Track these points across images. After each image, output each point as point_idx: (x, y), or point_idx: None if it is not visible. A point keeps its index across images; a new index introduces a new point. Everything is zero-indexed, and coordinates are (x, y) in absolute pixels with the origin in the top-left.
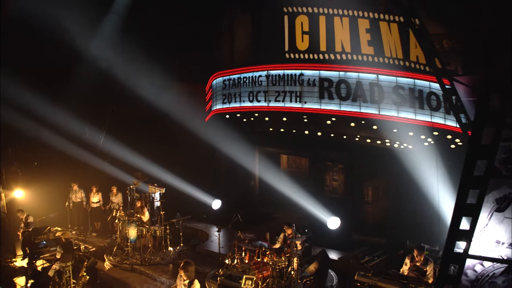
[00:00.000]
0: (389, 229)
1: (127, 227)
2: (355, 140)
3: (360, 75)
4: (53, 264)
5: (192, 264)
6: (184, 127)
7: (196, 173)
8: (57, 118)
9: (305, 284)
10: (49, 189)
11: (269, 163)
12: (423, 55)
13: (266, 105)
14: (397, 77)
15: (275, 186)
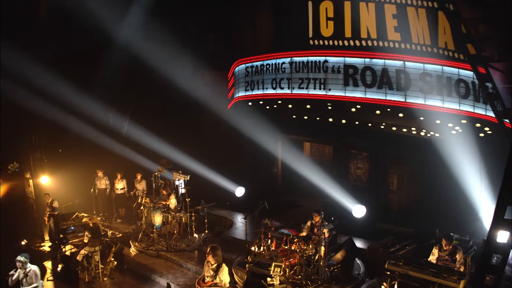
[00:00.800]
0: (416, 218)
1: (153, 214)
2: (380, 128)
3: (386, 62)
4: (81, 249)
5: (219, 248)
6: (207, 114)
7: (218, 160)
8: (83, 105)
9: (332, 272)
10: (74, 175)
11: (292, 151)
12: (452, 41)
13: (289, 92)
14: (424, 64)
15: (298, 174)
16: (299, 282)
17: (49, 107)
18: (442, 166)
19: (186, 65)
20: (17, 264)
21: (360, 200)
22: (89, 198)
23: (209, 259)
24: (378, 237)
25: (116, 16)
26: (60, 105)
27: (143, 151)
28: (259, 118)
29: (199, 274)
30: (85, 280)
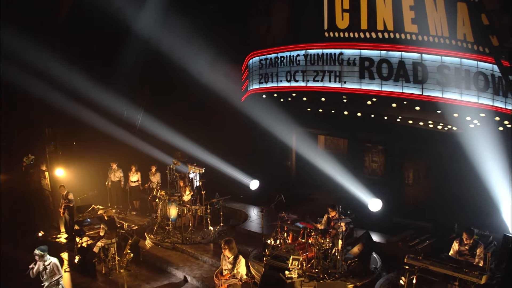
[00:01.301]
0: (433, 213)
1: (168, 206)
2: (396, 121)
3: (403, 54)
4: (97, 241)
5: (233, 241)
6: (220, 107)
7: (232, 153)
8: (97, 97)
9: (349, 266)
10: (88, 168)
11: (306, 144)
12: (471, 33)
13: (304, 85)
14: (442, 56)
15: (312, 167)
16: (316, 275)
17: (63, 99)
18: (460, 160)
19: (200, 58)
20: (35, 257)
21: (376, 194)
22: (104, 191)
23: (225, 253)
24: (394, 231)
25: (133, 8)
26: (75, 97)
27: (158, 143)
28: (273, 110)
29: (215, 266)
30: (102, 272)
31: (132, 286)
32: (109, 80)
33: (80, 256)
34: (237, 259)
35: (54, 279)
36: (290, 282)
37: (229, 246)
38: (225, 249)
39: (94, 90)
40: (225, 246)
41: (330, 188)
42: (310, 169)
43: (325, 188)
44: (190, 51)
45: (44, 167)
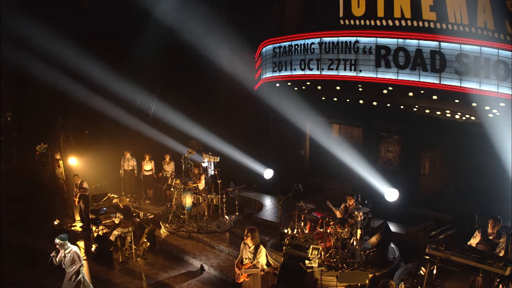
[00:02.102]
0: (451, 203)
1: (183, 195)
2: (413, 110)
3: (420, 42)
4: (113, 230)
5: (256, 230)
6: (234, 95)
7: (245, 142)
8: (110, 86)
9: (367, 255)
10: (101, 157)
11: (320, 133)
12: (493, 21)
13: (318, 74)
14: (461, 45)
15: (327, 156)
16: (335, 265)
17: (77, 87)
18: (478, 150)
19: (214, 46)
20: (56, 246)
21: (391, 184)
22: (117, 179)
23: (247, 241)
24: (411, 222)
25: None
26: (87, 85)
27: (171, 132)
28: (286, 99)
29: (232, 255)
30: (119, 260)
31: (150, 274)
32: (124, 68)
33: (97, 245)
34: (258, 248)
35: (75, 268)
36: (310, 272)
37: (252, 234)
38: (247, 237)
39: (107, 78)
40: (248, 234)
41: (344, 178)
42: (324, 158)
43: (339, 178)
44: (204, 39)
45: (58, 156)
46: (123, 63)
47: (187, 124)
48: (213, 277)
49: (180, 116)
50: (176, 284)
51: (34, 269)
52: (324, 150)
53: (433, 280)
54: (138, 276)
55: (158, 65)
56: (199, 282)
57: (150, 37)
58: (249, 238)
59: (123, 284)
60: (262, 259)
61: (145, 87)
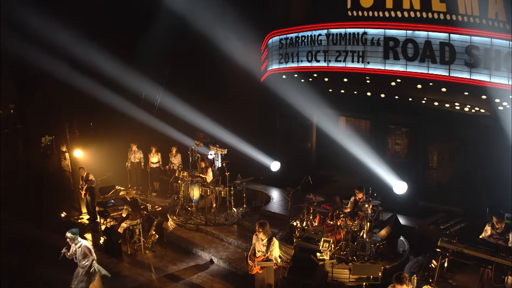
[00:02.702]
0: (459, 196)
1: (191, 188)
2: (421, 102)
3: (429, 34)
4: (121, 222)
5: (267, 224)
6: (240, 87)
7: (251, 134)
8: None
9: (377, 248)
10: (106, 149)
11: (327, 125)
12: (504, 12)
13: (325, 65)
14: (471, 36)
15: (333, 149)
16: (345, 257)
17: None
18: (487, 142)
19: (220, 37)
20: (67, 240)
21: (399, 177)
22: (124, 172)
23: (260, 236)
24: (420, 215)
25: None
26: (93, 77)
27: (178, 124)
28: (293, 91)
29: (241, 248)
30: (128, 253)
31: (159, 267)
32: (131, 59)
33: (105, 237)
34: (271, 241)
35: (87, 262)
36: (321, 264)
37: (263, 228)
38: (259, 232)
39: (113, 69)
40: (259, 229)
41: (352, 171)
42: (331, 151)
43: (346, 171)
44: (212, 30)
45: (64, 148)
46: (131, 55)
47: (194, 116)
48: (222, 269)
49: (187, 108)
50: (185, 276)
51: (43, 261)
52: (331, 142)
53: (444, 273)
54: (147, 268)
55: (165, 56)
56: (209, 275)
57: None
58: (261, 233)
59: (133, 276)
60: (275, 252)
61: (152, 78)
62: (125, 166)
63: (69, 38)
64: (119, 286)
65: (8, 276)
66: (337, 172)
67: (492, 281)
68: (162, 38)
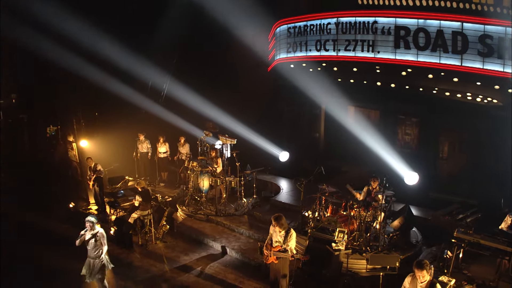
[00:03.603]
0: (470, 187)
1: (201, 178)
2: (432, 92)
3: (442, 23)
4: (131, 213)
5: (282, 217)
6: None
7: (259, 124)
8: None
9: (390, 239)
10: (112, 139)
11: (335, 115)
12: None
13: (335, 55)
14: (485, 25)
15: (342, 139)
16: (358, 248)
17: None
18: (499, 133)
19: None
20: (87, 224)
21: (408, 167)
22: (129, 162)
23: (276, 229)
24: (430, 205)
25: None
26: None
27: (185, 114)
28: (301, 81)
29: (252, 238)
30: (139, 243)
31: (171, 257)
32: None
33: (116, 228)
34: (289, 232)
35: (99, 250)
36: (337, 255)
37: (279, 222)
38: (275, 226)
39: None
40: (275, 223)
41: (361, 161)
42: (339, 141)
43: (355, 161)
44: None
45: (72, 138)
46: (139, 42)
47: (202, 106)
48: (234, 260)
49: (195, 97)
50: (198, 267)
51: (53, 251)
52: (339, 133)
53: (459, 264)
54: (159, 259)
55: (173, 45)
56: (222, 265)
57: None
58: (277, 226)
59: (145, 267)
60: (292, 243)
61: (159, 67)
62: (131, 156)
63: (74, 25)
64: (132, 276)
65: (19, 266)
66: (346, 163)
67: (510, 271)
68: (171, 26)
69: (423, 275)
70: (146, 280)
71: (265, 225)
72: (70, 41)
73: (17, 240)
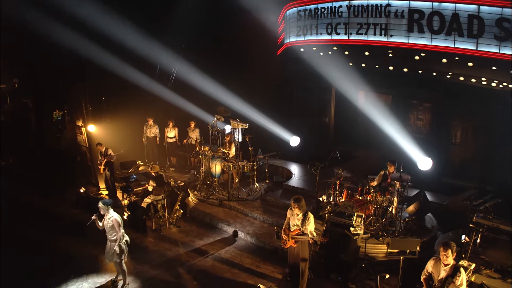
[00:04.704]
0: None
1: (213, 162)
2: (446, 77)
3: (457, 6)
4: (144, 197)
5: (302, 199)
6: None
7: (268, 109)
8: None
9: (407, 224)
10: (119, 124)
11: (346, 100)
12: None
13: (346, 38)
14: (502, 8)
15: (352, 124)
16: (374, 233)
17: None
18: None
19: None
20: (100, 209)
21: (420, 153)
22: (140, 147)
23: (295, 211)
24: (443, 191)
25: None
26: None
27: (195, 98)
28: (311, 65)
29: (266, 223)
30: (152, 228)
31: (185, 242)
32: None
33: (130, 212)
34: (307, 215)
35: (114, 236)
36: (354, 239)
37: (299, 204)
38: (294, 208)
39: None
40: (295, 205)
41: (371, 146)
42: (350, 126)
43: (366, 146)
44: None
45: (81, 123)
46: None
47: (212, 89)
48: (250, 244)
49: (204, 81)
50: (214, 251)
51: (65, 235)
52: (350, 117)
53: (476, 249)
54: (174, 243)
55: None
56: (237, 249)
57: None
58: (296, 208)
59: (160, 251)
60: (311, 226)
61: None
62: (140, 141)
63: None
64: (148, 260)
65: (33, 251)
66: (357, 148)
67: None
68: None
69: (447, 254)
70: (163, 264)
71: (278, 210)
72: (78, 23)
73: (28, 225)
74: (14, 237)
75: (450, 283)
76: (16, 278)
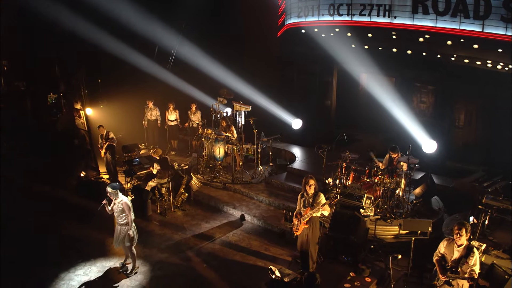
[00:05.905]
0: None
1: (216, 145)
2: (450, 60)
3: None
4: (148, 181)
5: (313, 177)
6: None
7: (268, 91)
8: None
9: (414, 206)
10: (118, 107)
11: (348, 82)
12: None
13: (348, 20)
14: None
15: (354, 107)
16: (382, 215)
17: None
18: None
19: None
20: (107, 194)
21: (424, 136)
22: (139, 130)
23: (307, 189)
24: (448, 174)
25: None
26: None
27: (196, 80)
28: (312, 47)
29: (272, 206)
30: (157, 212)
31: (192, 225)
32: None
33: (134, 196)
34: (317, 195)
35: (125, 218)
36: (364, 221)
37: (313, 181)
38: (307, 185)
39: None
40: (310, 180)
41: (374, 129)
42: (352, 109)
43: (368, 129)
44: None
45: (79, 106)
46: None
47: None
48: (257, 227)
49: (206, 62)
50: (221, 234)
51: (71, 220)
52: (351, 100)
53: (484, 230)
54: (180, 227)
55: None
56: (244, 232)
57: None
58: (308, 186)
59: (167, 235)
60: (322, 200)
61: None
62: (139, 124)
63: None
64: (155, 244)
65: (36, 236)
66: (359, 131)
67: None
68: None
69: (461, 233)
70: (171, 247)
71: (283, 193)
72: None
73: (30, 210)
74: (17, 224)
75: (463, 263)
76: (24, 264)
